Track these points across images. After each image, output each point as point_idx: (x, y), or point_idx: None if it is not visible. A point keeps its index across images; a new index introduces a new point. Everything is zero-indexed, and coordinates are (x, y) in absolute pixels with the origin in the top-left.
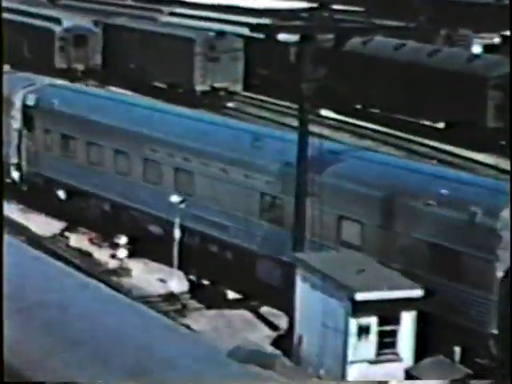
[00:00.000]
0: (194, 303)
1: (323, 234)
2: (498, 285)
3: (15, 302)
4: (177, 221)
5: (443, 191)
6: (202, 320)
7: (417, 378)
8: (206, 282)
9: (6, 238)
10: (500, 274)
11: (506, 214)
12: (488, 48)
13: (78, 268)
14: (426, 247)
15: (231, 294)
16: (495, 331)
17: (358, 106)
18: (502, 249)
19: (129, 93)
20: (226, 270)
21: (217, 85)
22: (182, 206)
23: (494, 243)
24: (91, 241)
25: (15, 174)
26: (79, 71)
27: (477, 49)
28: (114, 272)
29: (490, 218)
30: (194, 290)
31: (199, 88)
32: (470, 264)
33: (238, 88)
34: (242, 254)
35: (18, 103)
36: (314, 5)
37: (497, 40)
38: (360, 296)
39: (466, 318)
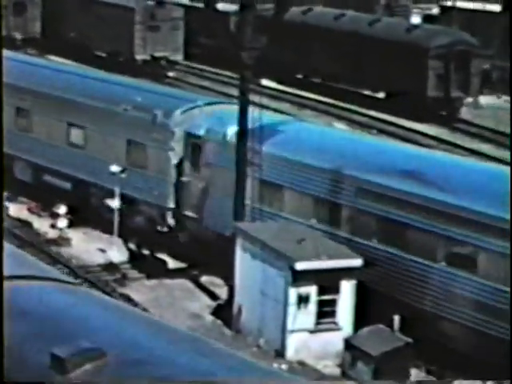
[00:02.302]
0: (134, 273)
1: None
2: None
3: None
4: (117, 190)
5: (137, 98)
6: (142, 290)
7: (356, 347)
8: (146, 252)
9: None
10: (174, 161)
11: (177, 114)
12: (427, 18)
13: (16, 237)
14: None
15: (172, 264)
16: None
17: (299, 76)
18: (175, 141)
19: (69, 62)
20: (167, 240)
21: (157, 54)
22: (123, 175)
23: (168, 138)
24: (30, 210)
25: None
26: (18, 40)
27: (416, 19)
28: (53, 241)
29: (167, 119)
30: (135, 259)
31: (139, 57)
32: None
33: (179, 57)
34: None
35: None
36: None
37: (436, 10)
38: (300, 265)
39: None
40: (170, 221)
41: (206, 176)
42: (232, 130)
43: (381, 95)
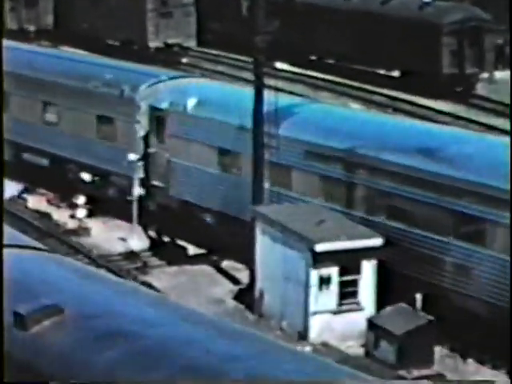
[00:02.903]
0: (155, 260)
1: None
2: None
3: None
4: (136, 178)
5: (107, 76)
6: (163, 277)
7: (379, 327)
8: (166, 239)
9: None
10: (141, 133)
11: (143, 88)
12: None
13: (37, 229)
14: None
15: (192, 250)
16: None
17: (313, 58)
18: (141, 115)
19: (82, 52)
20: (186, 226)
21: (170, 41)
22: (140, 163)
23: (135, 111)
24: (49, 202)
25: None
26: (31, 32)
27: None
28: (73, 232)
29: (133, 93)
30: (155, 247)
31: (152, 44)
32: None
33: (192, 43)
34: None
35: None
36: None
37: None
38: (320, 247)
39: None
40: (138, 190)
41: (170, 147)
42: (192, 102)
43: (395, 74)
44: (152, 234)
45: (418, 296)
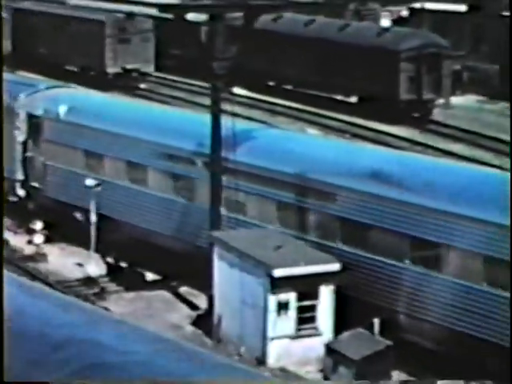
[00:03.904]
0: (112, 286)
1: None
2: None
3: None
4: (93, 204)
5: None
6: (121, 303)
7: (337, 352)
8: (123, 265)
9: None
10: (20, 139)
11: (22, 97)
12: (397, 21)
13: None
14: None
15: (150, 276)
16: None
17: (271, 83)
18: (20, 122)
19: (40, 77)
20: (144, 252)
21: (128, 66)
22: (98, 189)
23: (15, 119)
24: (7, 228)
25: None
26: None
27: (386, 22)
28: (30, 258)
29: (13, 102)
30: (113, 273)
31: (110, 70)
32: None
33: (150, 69)
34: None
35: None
36: None
37: (405, 13)
38: (278, 272)
39: None
40: (20, 191)
41: (45, 151)
42: (63, 109)
43: (353, 99)
44: (110, 259)
45: (376, 321)
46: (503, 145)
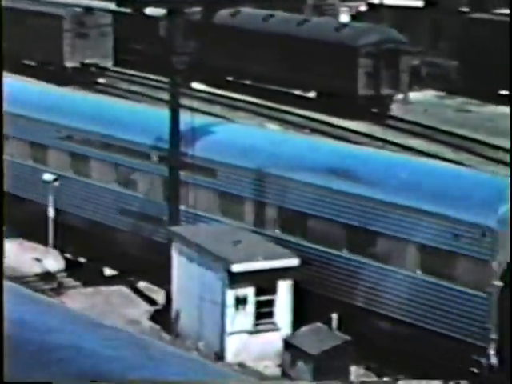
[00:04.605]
0: (70, 281)
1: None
2: None
3: None
4: (51, 199)
5: None
6: (78, 298)
7: (295, 347)
8: (82, 260)
9: None
10: None
11: None
12: (355, 16)
13: None
14: None
15: (108, 271)
16: None
17: (230, 78)
18: None
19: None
20: (103, 248)
21: (87, 61)
22: (56, 184)
23: None
24: None
25: None
26: None
27: (344, 17)
28: None
29: None
30: (71, 268)
31: (69, 64)
32: None
33: (109, 63)
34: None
35: None
36: None
37: (363, 8)
38: (236, 267)
39: None
40: None
41: None
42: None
43: (312, 95)
44: (68, 255)
45: (334, 316)
46: (461, 140)
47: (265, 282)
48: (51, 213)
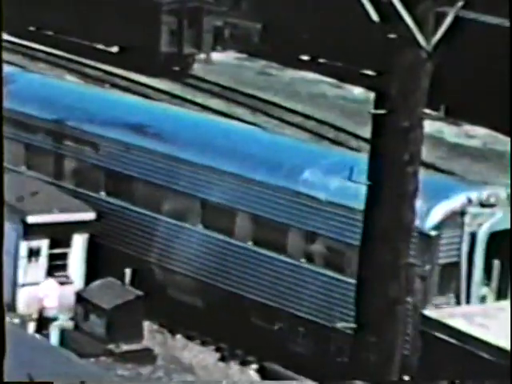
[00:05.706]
0: None
1: None
2: None
3: None
4: None
5: None
6: None
7: (88, 301)
8: None
9: None
10: None
11: None
12: None
13: None
14: None
15: None
16: None
17: (31, 28)
18: None
19: None
20: None
21: None
22: None
23: None
24: None
25: None
26: None
27: None
28: None
29: None
30: None
31: None
32: None
33: None
34: None
35: None
36: None
37: None
38: (31, 219)
39: None
40: None
41: None
42: None
43: (114, 49)
44: None
45: (127, 271)
46: (259, 102)
47: (59, 235)
48: None
